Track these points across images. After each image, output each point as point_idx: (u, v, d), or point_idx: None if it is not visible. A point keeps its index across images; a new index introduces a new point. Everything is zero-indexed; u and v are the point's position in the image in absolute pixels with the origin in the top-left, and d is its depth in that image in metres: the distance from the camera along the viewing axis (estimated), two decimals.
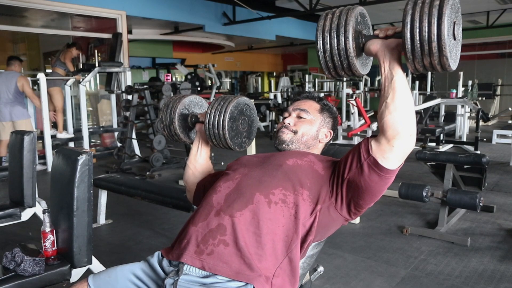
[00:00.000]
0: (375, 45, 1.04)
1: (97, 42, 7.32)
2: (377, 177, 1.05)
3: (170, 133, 1.48)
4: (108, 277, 1.19)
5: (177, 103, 1.45)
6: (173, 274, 1.10)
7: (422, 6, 0.91)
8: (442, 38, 0.88)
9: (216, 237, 1.08)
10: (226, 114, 1.30)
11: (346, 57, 1.03)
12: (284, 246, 1.09)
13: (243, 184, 1.17)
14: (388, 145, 1.02)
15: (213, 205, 1.15)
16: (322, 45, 1.04)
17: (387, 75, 1.02)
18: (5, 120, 4.93)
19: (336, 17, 1.03)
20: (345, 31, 1.01)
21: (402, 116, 1.00)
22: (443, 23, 0.88)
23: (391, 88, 1.01)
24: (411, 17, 0.91)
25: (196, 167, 1.48)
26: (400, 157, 1.04)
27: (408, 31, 0.92)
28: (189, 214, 2.53)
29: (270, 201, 1.11)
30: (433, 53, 0.91)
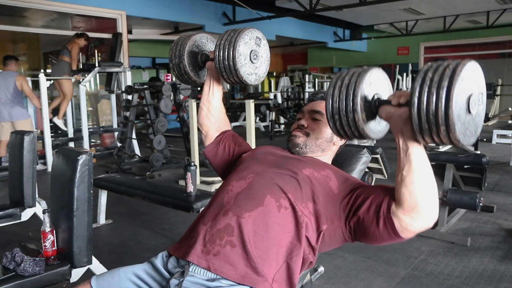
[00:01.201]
0: (387, 114, 0.98)
1: (97, 42, 7.31)
2: (388, 236, 1.02)
3: (179, 72, 1.42)
4: (111, 278, 1.18)
5: (186, 40, 1.40)
6: (179, 275, 1.09)
7: (430, 85, 0.85)
8: (450, 123, 0.83)
9: (223, 237, 1.07)
10: (236, 44, 1.25)
11: (356, 128, 0.99)
12: (285, 252, 1.07)
13: (255, 185, 1.15)
14: (406, 217, 0.98)
15: (223, 205, 1.14)
16: (331, 115, 1.01)
17: (402, 146, 0.97)
18: (4, 121, 4.91)
19: (344, 86, 0.99)
20: (353, 103, 0.96)
21: (419, 191, 0.95)
22: (451, 108, 0.82)
23: (407, 160, 0.96)
24: (418, 97, 0.86)
25: (210, 109, 1.44)
26: (417, 229, 0.99)
27: (415, 111, 0.87)
28: (189, 214, 2.53)
29: (280, 205, 1.09)
30: (443, 135, 0.86)
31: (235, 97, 12.53)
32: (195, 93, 6.83)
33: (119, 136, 5.93)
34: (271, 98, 9.13)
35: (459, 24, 10.38)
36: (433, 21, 10.60)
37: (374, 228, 1.03)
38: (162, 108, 4.79)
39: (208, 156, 1.45)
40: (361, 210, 1.05)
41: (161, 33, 9.59)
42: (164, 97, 4.87)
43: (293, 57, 15.77)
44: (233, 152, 1.42)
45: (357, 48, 13.12)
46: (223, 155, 1.43)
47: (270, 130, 8.21)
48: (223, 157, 1.43)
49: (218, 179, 4.29)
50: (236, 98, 12.14)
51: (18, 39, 8.76)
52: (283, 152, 1.32)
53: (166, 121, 5.03)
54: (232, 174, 1.26)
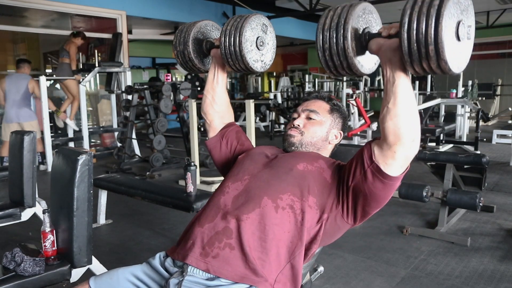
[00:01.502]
0: (376, 45, 0.99)
1: (97, 42, 7.32)
2: (381, 184, 1.03)
3: (184, 59, 1.41)
4: (109, 279, 1.18)
5: (191, 27, 1.39)
6: (178, 275, 1.09)
7: (421, 6, 0.86)
8: (439, 41, 0.84)
9: (222, 240, 1.07)
10: (242, 30, 1.23)
11: (345, 57, 0.99)
12: (287, 252, 1.07)
13: (252, 187, 1.15)
14: (390, 151, 0.99)
15: (220, 207, 1.14)
16: (321, 44, 1.01)
17: (389, 78, 0.97)
18: (11, 122, 4.94)
19: (336, 15, 0.99)
20: (344, 30, 0.97)
21: (404, 122, 0.96)
22: (441, 26, 0.83)
23: (393, 92, 0.97)
24: (409, 17, 0.87)
25: (214, 97, 1.43)
26: (403, 163, 1.01)
27: (405, 32, 0.87)
28: (189, 214, 2.53)
29: (277, 206, 1.09)
30: (431, 57, 0.86)
31: (235, 97, 12.53)
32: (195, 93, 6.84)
33: (119, 136, 5.93)
34: (271, 98, 9.13)
35: None
36: None
37: (366, 187, 1.05)
38: (162, 108, 4.79)
39: (210, 148, 1.45)
40: (350, 180, 1.09)
41: (161, 33, 9.59)
42: (164, 97, 4.87)
43: (293, 57, 15.76)
44: (234, 149, 1.42)
45: None
46: (225, 150, 1.43)
47: (270, 130, 8.21)
48: (225, 153, 1.43)
49: (218, 179, 4.29)
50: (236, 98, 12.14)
51: (18, 39, 8.76)
52: (277, 151, 1.33)
53: (166, 121, 5.03)
54: (228, 175, 1.27)
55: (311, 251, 1.12)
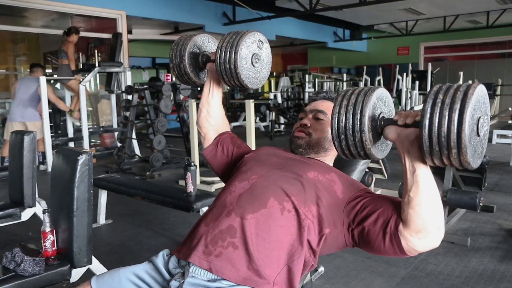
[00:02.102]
0: (393, 134, 0.97)
1: (97, 42, 7.32)
2: (393, 252, 1.01)
3: (179, 73, 1.41)
4: (111, 279, 1.17)
5: (187, 41, 1.39)
6: (179, 277, 1.08)
7: (442, 107, 0.84)
8: (463, 146, 0.82)
9: (226, 238, 1.06)
10: (238, 48, 1.23)
11: (362, 148, 0.97)
12: (287, 255, 1.06)
13: (259, 186, 1.14)
14: (413, 237, 0.97)
15: (226, 206, 1.13)
16: (337, 134, 0.98)
17: (408, 167, 0.95)
18: (15, 120, 5.03)
19: (351, 105, 0.96)
20: (361, 123, 0.95)
21: (427, 211, 0.94)
22: (464, 131, 0.81)
23: (414, 182, 0.95)
24: (430, 119, 0.84)
25: (209, 111, 1.43)
26: (423, 250, 0.99)
27: (426, 134, 0.85)
28: (189, 214, 2.54)
29: (283, 208, 1.08)
30: (454, 158, 0.85)
31: (235, 97, 12.53)
32: (195, 93, 6.83)
33: (119, 136, 5.94)
34: (271, 98, 9.13)
35: (459, 24, 10.38)
36: (433, 21, 10.61)
37: (379, 242, 1.01)
38: (162, 108, 4.79)
39: (208, 158, 1.45)
40: (367, 222, 1.03)
41: (161, 33, 9.59)
42: (164, 97, 4.87)
43: (293, 57, 15.76)
44: (231, 153, 1.42)
45: (357, 48, 13.12)
46: (222, 156, 1.43)
47: (270, 130, 8.21)
48: (222, 159, 1.43)
49: (218, 179, 4.28)
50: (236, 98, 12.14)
51: (18, 39, 8.76)
52: (286, 154, 1.31)
53: (166, 121, 5.03)
54: (235, 175, 1.25)
55: (309, 264, 1.11)
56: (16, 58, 9.08)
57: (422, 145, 0.87)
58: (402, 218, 0.98)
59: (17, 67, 9.12)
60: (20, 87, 5.16)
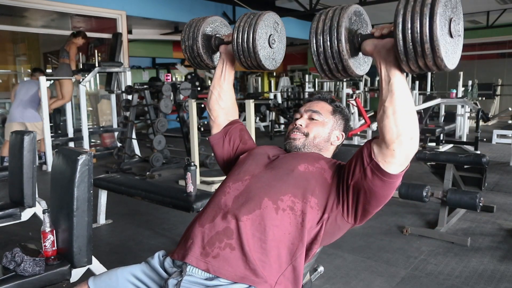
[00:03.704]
0: (370, 45, 1.00)
1: (97, 42, 7.32)
2: (381, 182, 1.03)
3: (192, 54, 1.40)
4: (108, 279, 1.18)
5: (201, 22, 1.38)
6: (177, 275, 1.08)
7: (414, 5, 0.87)
8: (435, 39, 0.85)
9: (223, 240, 1.07)
10: (257, 27, 1.23)
11: (340, 59, 0.99)
12: (288, 254, 1.07)
13: (252, 187, 1.15)
14: (388, 149, 0.99)
15: (221, 207, 1.14)
16: (315, 48, 1.01)
17: (384, 77, 0.98)
18: (14, 121, 5.05)
19: (328, 19, 1.00)
20: (338, 33, 0.98)
21: (401, 120, 0.97)
22: (435, 23, 0.84)
23: (389, 90, 0.97)
24: (403, 17, 0.88)
25: (220, 94, 1.42)
26: (402, 162, 1.01)
27: (400, 32, 0.88)
28: (189, 214, 2.53)
29: (278, 207, 1.09)
30: (427, 55, 0.87)
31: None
32: (195, 93, 6.84)
33: (119, 136, 5.94)
34: (271, 98, 9.13)
35: None
36: None
37: (366, 185, 1.05)
38: (162, 108, 4.79)
39: (213, 143, 1.44)
40: (350, 179, 1.08)
41: (161, 33, 9.58)
42: (164, 97, 4.87)
43: (293, 57, 15.75)
44: (237, 148, 1.42)
45: None
46: (227, 148, 1.43)
47: (270, 130, 8.21)
48: (227, 150, 1.43)
49: (218, 179, 4.29)
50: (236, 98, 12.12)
51: (18, 39, 8.76)
52: (279, 152, 1.33)
53: (166, 121, 5.03)
54: (229, 175, 1.27)
55: (312, 251, 1.11)
56: (16, 58, 9.08)
57: (397, 53, 0.90)
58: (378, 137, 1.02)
59: (17, 67, 9.11)
60: (20, 89, 5.22)
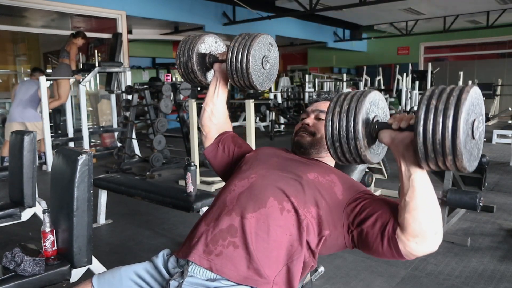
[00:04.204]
0: (388, 138, 0.96)
1: (97, 42, 7.32)
2: (391, 255, 1.01)
3: (186, 71, 1.42)
4: (112, 277, 1.18)
5: (196, 39, 1.40)
6: (178, 276, 1.08)
7: (435, 114, 0.83)
8: (458, 152, 0.81)
9: (226, 238, 1.06)
10: (251, 48, 1.25)
11: (358, 154, 0.97)
12: (286, 255, 1.06)
13: (258, 185, 1.14)
14: (409, 242, 0.96)
15: (226, 205, 1.13)
16: (332, 143, 0.98)
17: (404, 172, 0.95)
18: (14, 121, 5.05)
19: (344, 112, 0.96)
20: (355, 131, 0.94)
21: (422, 216, 0.93)
22: (459, 138, 0.80)
23: (410, 186, 0.94)
24: (423, 126, 0.84)
25: (213, 111, 1.43)
26: (421, 254, 0.98)
27: (421, 140, 0.84)
28: (189, 214, 2.54)
29: (283, 208, 1.08)
30: (449, 163, 0.84)
31: (235, 97, 12.53)
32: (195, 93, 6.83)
33: (119, 136, 5.93)
34: (271, 98, 9.13)
35: (459, 24, 10.38)
36: (433, 21, 10.61)
37: (377, 245, 1.01)
38: (162, 108, 4.79)
39: (209, 157, 1.45)
40: (366, 224, 1.03)
41: (161, 33, 9.59)
42: (164, 97, 4.87)
43: (293, 57, 15.75)
44: (233, 153, 1.42)
45: (357, 48, 13.11)
46: (223, 156, 1.43)
47: (270, 130, 8.21)
48: (223, 158, 1.43)
49: (218, 179, 4.28)
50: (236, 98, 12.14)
51: (18, 39, 8.76)
52: (287, 154, 1.31)
53: (166, 121, 5.03)
54: (235, 174, 1.26)
55: (309, 265, 1.11)
56: (16, 58, 9.09)
57: (417, 151, 0.86)
58: (399, 222, 0.98)
59: (17, 67, 9.12)
60: (20, 88, 5.22)
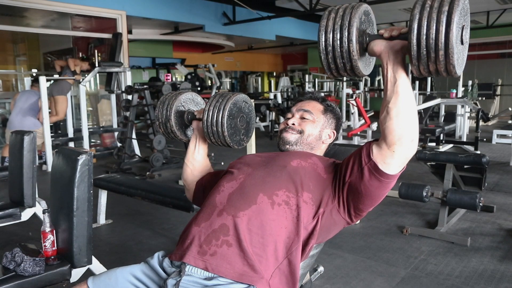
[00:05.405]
0: (379, 46, 1.00)
1: (97, 42, 7.32)
2: (377, 182, 1.05)
3: (166, 131, 1.46)
4: (108, 279, 1.18)
5: (173, 100, 1.42)
6: (175, 275, 1.09)
7: (430, 11, 0.87)
8: (450, 47, 0.85)
9: (219, 237, 1.08)
10: (225, 112, 1.28)
11: (349, 59, 0.99)
12: (284, 248, 1.08)
13: (247, 184, 1.17)
14: (389, 150, 1.01)
15: (216, 205, 1.15)
16: (324, 47, 1.01)
17: (390, 78, 0.99)
18: (14, 129, 4.95)
19: (339, 17, 0.99)
20: (349, 33, 0.97)
21: (404, 122, 0.98)
22: (452, 31, 0.84)
23: (394, 92, 0.98)
24: (418, 22, 0.87)
25: (195, 165, 1.47)
26: (401, 163, 1.03)
27: (414, 37, 0.88)
28: (189, 214, 2.53)
29: (273, 202, 1.11)
30: (440, 61, 0.88)
31: None
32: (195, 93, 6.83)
33: (119, 136, 5.94)
34: (271, 98, 9.14)
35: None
36: None
37: (363, 183, 1.06)
38: None
39: (197, 204, 1.46)
40: (347, 176, 1.09)
41: (161, 33, 9.58)
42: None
43: (293, 57, 15.77)
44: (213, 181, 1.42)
45: None
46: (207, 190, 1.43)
47: (270, 130, 8.21)
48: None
49: None
50: None
51: (18, 39, 8.76)
52: (270, 153, 1.35)
53: None
54: (222, 177, 1.28)
55: (308, 246, 1.12)
56: (16, 58, 9.08)
57: (410, 57, 0.90)
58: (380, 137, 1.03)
59: (17, 67, 9.11)
60: (21, 97, 5.23)
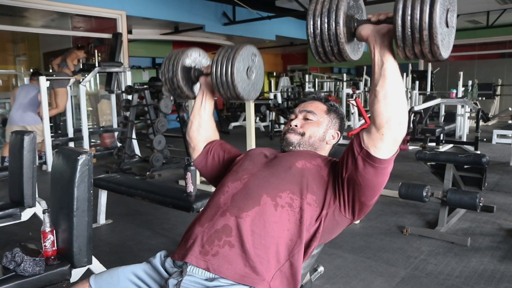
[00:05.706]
0: (366, 30, 1.02)
1: (97, 42, 7.32)
2: (372, 169, 1.05)
3: (172, 86, 1.44)
4: (110, 277, 1.18)
5: (180, 55, 1.41)
6: (177, 275, 1.09)
7: None
8: (433, 27, 0.88)
9: (222, 238, 1.07)
10: (234, 60, 1.27)
11: (336, 42, 1.01)
12: (286, 250, 1.08)
13: (251, 185, 1.17)
14: (378, 134, 1.01)
15: (220, 206, 1.14)
16: (312, 30, 1.03)
17: (377, 61, 1.01)
18: (15, 124, 5.03)
19: (327, 1, 1.02)
20: (336, 16, 0.99)
21: (391, 104, 0.99)
22: (435, 11, 0.87)
23: (381, 75, 1.00)
24: (403, 3, 0.90)
25: (201, 123, 1.45)
26: (391, 146, 1.03)
27: (399, 18, 0.90)
28: (189, 214, 2.54)
29: (277, 204, 1.10)
30: (424, 41, 0.90)
31: None
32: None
33: (119, 136, 5.93)
34: (271, 98, 9.13)
35: (459, 24, 10.37)
36: None
37: (359, 174, 1.06)
38: (162, 108, 4.79)
39: (199, 168, 1.47)
40: (343, 172, 1.10)
41: (161, 33, 9.58)
42: (164, 97, 4.87)
43: (293, 57, 15.76)
44: (222, 159, 1.43)
45: None
46: (213, 163, 1.44)
47: (270, 130, 8.21)
48: (213, 166, 1.44)
49: None
50: None
51: (18, 39, 8.76)
52: (276, 152, 1.34)
53: (166, 121, 5.03)
54: (227, 176, 1.27)
55: (310, 249, 1.12)
56: (16, 58, 9.08)
57: (395, 38, 0.92)
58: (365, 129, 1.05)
59: (17, 67, 9.11)
60: (20, 92, 5.23)
